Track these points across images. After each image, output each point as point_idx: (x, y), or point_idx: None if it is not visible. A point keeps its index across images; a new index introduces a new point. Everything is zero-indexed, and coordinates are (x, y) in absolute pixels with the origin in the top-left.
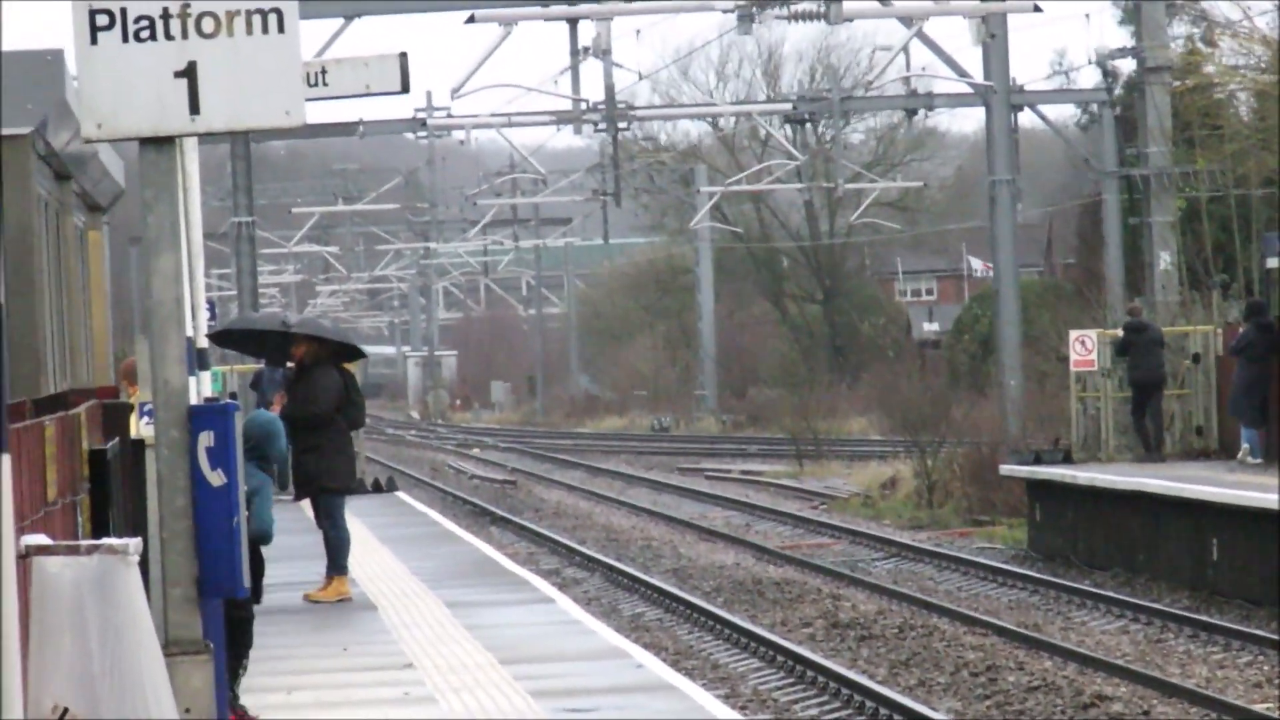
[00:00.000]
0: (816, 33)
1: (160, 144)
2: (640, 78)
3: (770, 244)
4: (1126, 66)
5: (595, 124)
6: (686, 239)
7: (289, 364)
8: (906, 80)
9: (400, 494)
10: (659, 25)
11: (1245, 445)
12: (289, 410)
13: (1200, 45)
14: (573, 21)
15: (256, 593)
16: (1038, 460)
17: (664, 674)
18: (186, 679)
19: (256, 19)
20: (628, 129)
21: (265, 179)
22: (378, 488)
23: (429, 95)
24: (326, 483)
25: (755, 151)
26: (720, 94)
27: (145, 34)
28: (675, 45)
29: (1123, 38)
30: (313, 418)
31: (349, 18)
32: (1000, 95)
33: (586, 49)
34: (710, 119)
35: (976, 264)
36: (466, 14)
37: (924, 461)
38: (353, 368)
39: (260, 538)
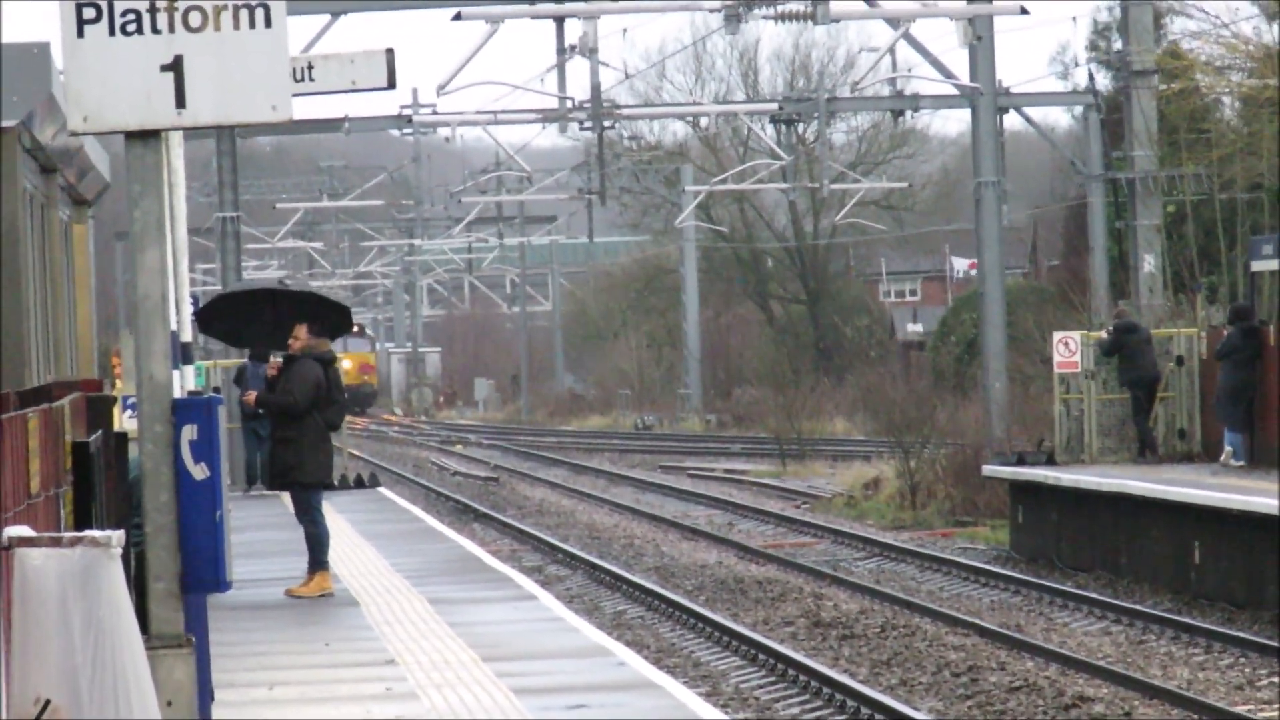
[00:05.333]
0: (796, 33)
1: (146, 138)
2: (626, 76)
3: (755, 244)
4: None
5: (581, 122)
6: (671, 238)
7: (274, 356)
8: (893, 81)
9: (383, 490)
10: (643, 26)
11: (1228, 448)
12: (264, 398)
13: (1187, 48)
14: (559, 20)
15: None
16: (1021, 461)
17: (646, 672)
18: (169, 672)
19: (244, 13)
20: (613, 127)
21: (251, 175)
22: (360, 483)
23: (415, 92)
24: (299, 477)
25: (737, 152)
26: (699, 93)
27: (132, 27)
28: (658, 47)
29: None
30: (285, 408)
31: (336, 14)
32: (987, 97)
33: (573, 47)
34: (692, 119)
35: (961, 264)
36: (453, 11)
37: (907, 462)
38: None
39: None
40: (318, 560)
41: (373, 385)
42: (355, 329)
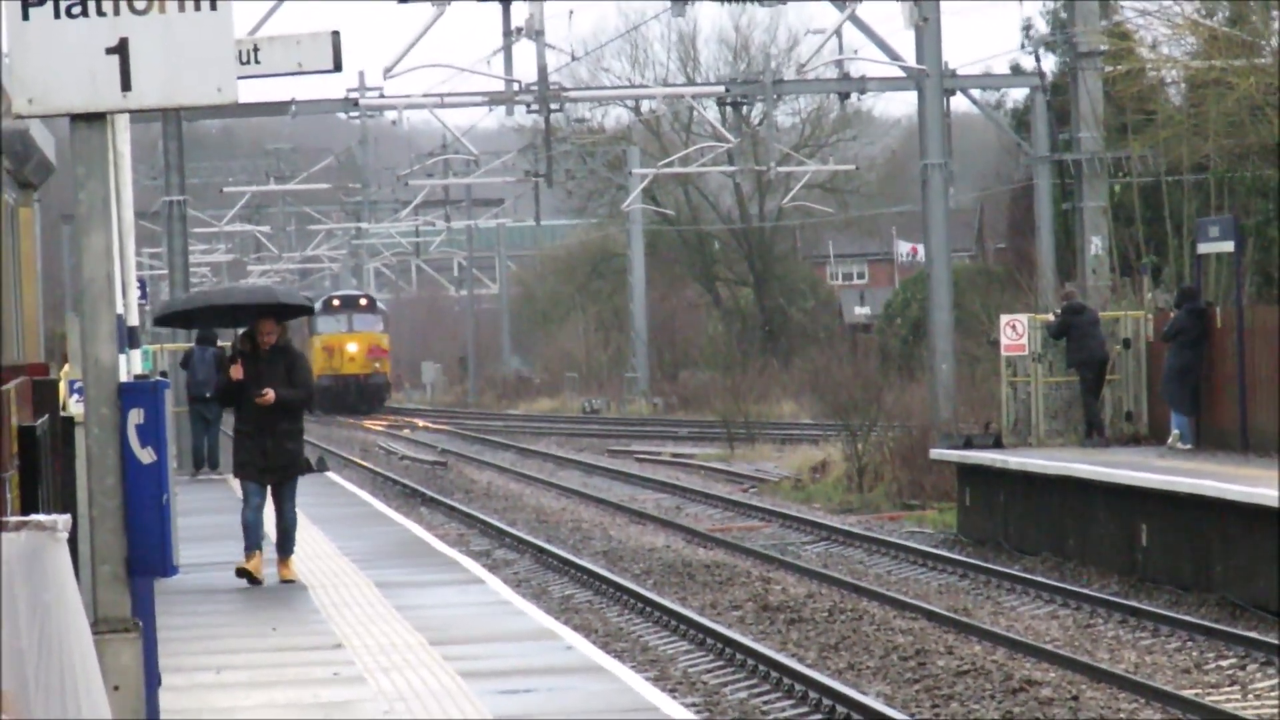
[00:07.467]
0: (736, 15)
1: (92, 120)
2: (573, 59)
3: (701, 227)
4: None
5: (527, 105)
6: (618, 221)
7: (234, 344)
8: (839, 63)
9: (330, 474)
10: (587, 8)
11: (1175, 431)
12: (286, 395)
13: (1130, 27)
14: (505, 2)
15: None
16: (968, 444)
17: (594, 655)
18: (115, 656)
19: None
20: (559, 110)
21: (198, 158)
22: (308, 468)
23: (361, 75)
24: (302, 463)
25: (680, 136)
26: (637, 79)
27: (77, 10)
28: (593, 34)
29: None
30: (307, 400)
31: None
32: (933, 79)
33: (519, 29)
34: (634, 103)
35: (904, 248)
36: None
37: (855, 445)
38: None
39: None
40: (292, 546)
41: (385, 375)
42: (364, 301)
